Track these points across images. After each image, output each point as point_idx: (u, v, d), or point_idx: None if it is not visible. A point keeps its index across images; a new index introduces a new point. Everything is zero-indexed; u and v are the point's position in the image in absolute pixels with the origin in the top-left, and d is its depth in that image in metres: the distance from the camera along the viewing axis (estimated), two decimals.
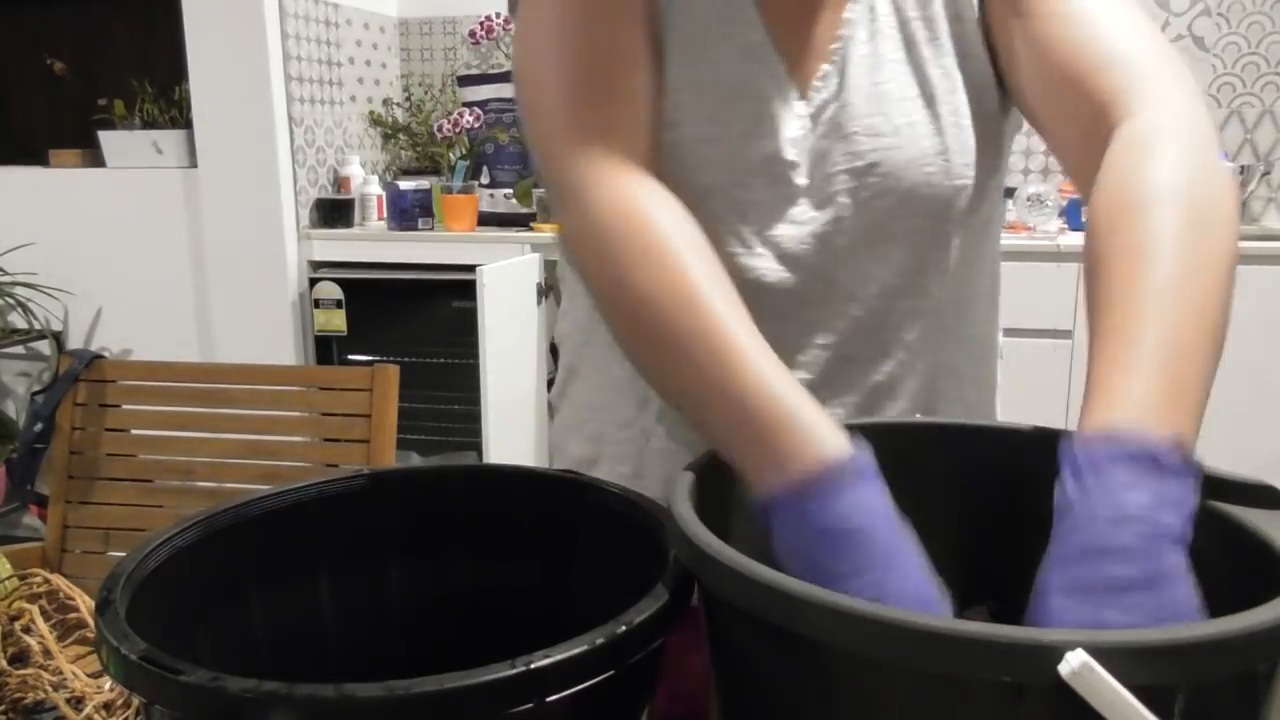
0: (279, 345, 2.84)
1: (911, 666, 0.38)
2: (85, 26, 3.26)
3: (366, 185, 2.98)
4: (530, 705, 0.40)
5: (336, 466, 1.45)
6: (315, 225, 2.90)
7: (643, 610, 0.45)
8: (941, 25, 0.73)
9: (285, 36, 2.76)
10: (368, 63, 3.20)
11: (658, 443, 0.81)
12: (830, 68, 0.73)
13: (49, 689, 0.79)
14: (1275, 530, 0.47)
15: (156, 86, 3.02)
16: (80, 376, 1.52)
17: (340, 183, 3.01)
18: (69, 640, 0.88)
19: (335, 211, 2.91)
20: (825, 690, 0.43)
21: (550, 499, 0.63)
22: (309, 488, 0.61)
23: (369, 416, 1.44)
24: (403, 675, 0.39)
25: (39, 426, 1.57)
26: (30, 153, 3.17)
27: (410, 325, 2.82)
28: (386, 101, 3.29)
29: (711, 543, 0.45)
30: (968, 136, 0.73)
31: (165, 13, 2.88)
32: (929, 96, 0.73)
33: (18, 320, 3.09)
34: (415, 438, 2.80)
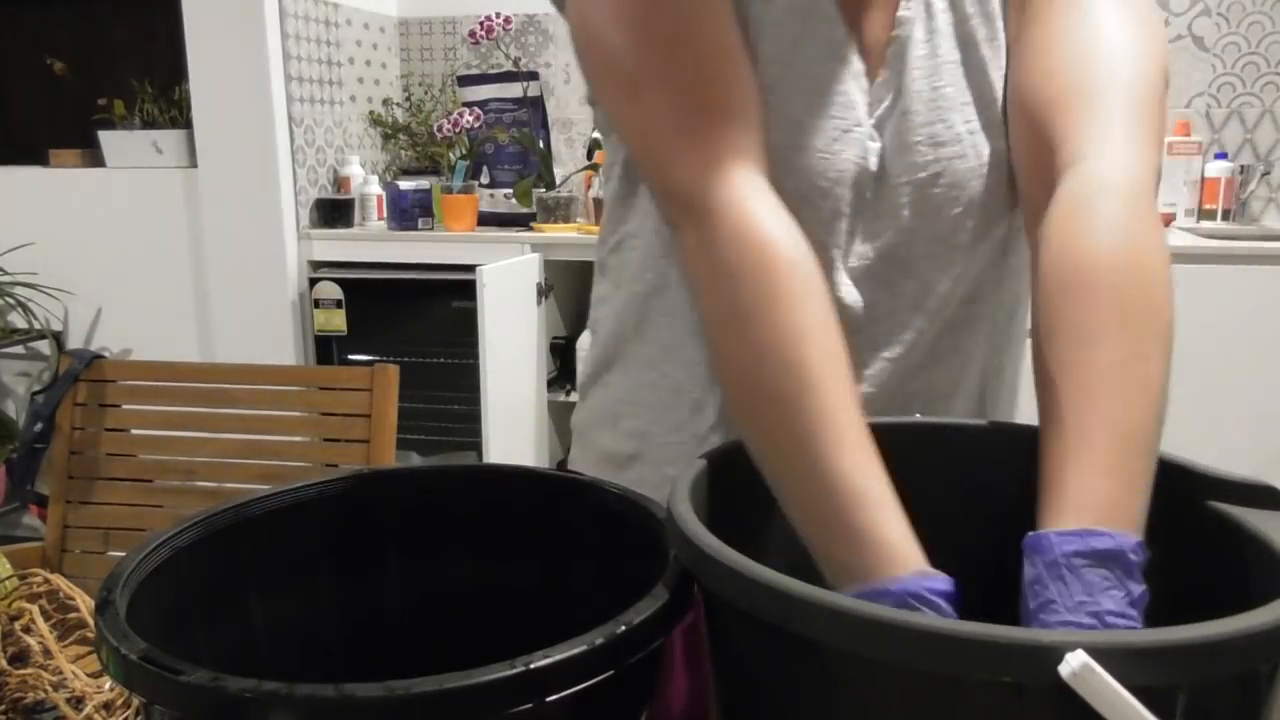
0: (279, 345, 2.84)
1: (911, 666, 0.38)
2: (85, 26, 3.26)
3: (366, 185, 2.98)
4: (530, 705, 0.40)
5: (336, 466, 1.45)
6: (315, 225, 2.90)
7: (642, 610, 0.45)
8: (999, 24, 0.71)
9: (285, 36, 2.75)
10: (368, 63, 3.20)
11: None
12: (889, 72, 0.71)
13: (49, 689, 0.79)
14: (1275, 530, 0.48)
15: (156, 86, 3.02)
16: (80, 376, 1.52)
17: (340, 183, 3.01)
18: (69, 640, 0.88)
19: (335, 211, 2.91)
20: (825, 690, 0.43)
21: (550, 499, 0.63)
22: (309, 488, 0.61)
23: (369, 416, 1.44)
24: (403, 675, 0.39)
25: (39, 426, 1.56)
26: (30, 153, 3.17)
27: (410, 325, 2.82)
28: (386, 101, 3.29)
29: (711, 543, 0.45)
30: None
31: (165, 13, 2.88)
32: (989, 100, 0.70)
33: (18, 320, 3.09)
34: (415, 438, 2.80)
